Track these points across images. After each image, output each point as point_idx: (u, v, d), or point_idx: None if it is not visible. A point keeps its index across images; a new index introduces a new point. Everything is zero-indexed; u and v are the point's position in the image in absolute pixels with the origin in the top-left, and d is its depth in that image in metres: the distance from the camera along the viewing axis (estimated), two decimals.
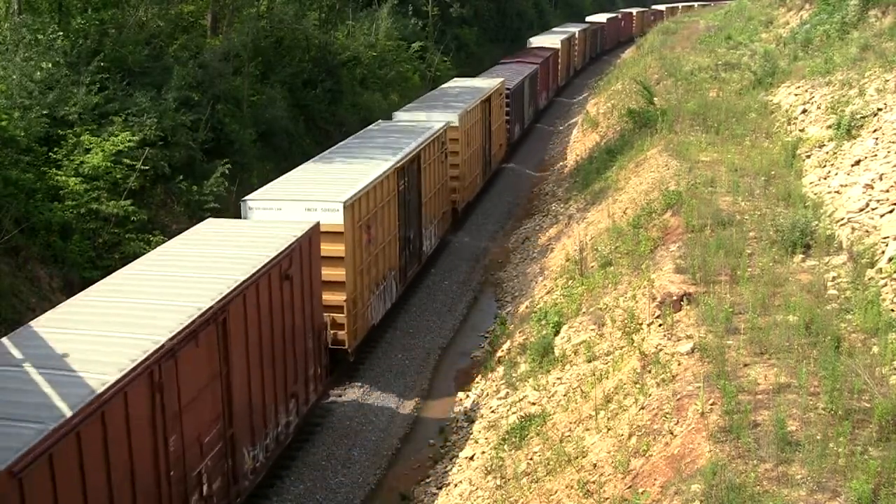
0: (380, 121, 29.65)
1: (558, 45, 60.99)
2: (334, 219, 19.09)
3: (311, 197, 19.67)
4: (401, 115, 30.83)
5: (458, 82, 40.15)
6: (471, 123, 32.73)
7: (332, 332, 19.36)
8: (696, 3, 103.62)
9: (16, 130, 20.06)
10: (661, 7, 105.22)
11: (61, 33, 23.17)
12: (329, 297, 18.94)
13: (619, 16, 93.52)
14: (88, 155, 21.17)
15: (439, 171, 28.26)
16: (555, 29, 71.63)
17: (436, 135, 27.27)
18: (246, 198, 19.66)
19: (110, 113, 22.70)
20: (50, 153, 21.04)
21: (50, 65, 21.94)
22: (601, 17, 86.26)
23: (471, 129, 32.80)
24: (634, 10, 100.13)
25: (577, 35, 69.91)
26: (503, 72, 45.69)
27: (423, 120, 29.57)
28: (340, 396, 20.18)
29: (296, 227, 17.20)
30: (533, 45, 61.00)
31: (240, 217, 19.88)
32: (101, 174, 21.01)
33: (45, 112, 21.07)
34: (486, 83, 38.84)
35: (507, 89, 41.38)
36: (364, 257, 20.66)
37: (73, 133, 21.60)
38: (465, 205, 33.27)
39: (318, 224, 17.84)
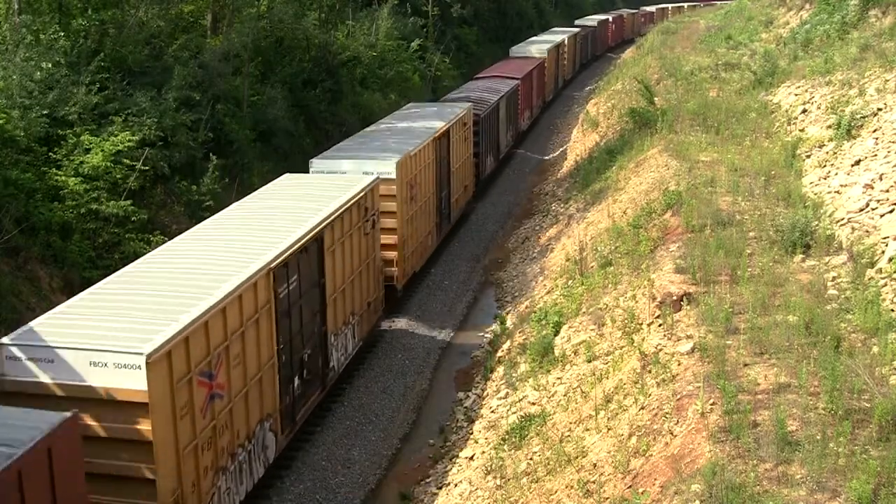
0: (287, 175, 22.25)
1: (545, 55, 54.32)
2: (131, 382, 11.87)
3: (99, 343, 12.18)
4: (319, 164, 23.32)
5: (412, 109, 32.72)
6: (417, 170, 25.52)
7: None
8: (685, 4, 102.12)
9: (16, 130, 20.06)
10: (652, 8, 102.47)
11: (62, 33, 23.17)
12: None
13: (611, 18, 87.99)
14: (88, 155, 21.17)
15: (361, 246, 20.57)
16: (542, 35, 65.63)
17: (354, 200, 19.81)
18: None
19: (110, 113, 22.71)
20: (50, 153, 21.05)
21: (50, 65, 21.93)
22: (591, 21, 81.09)
23: (417, 176, 25.54)
24: (625, 13, 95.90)
25: (566, 41, 63.46)
26: (476, 90, 39.40)
27: (346, 171, 22.74)
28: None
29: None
30: (515, 55, 54.27)
31: None
32: (101, 174, 21.01)
33: (45, 112, 21.08)
34: (446, 112, 31.34)
35: (476, 115, 34.32)
36: (198, 429, 13.18)
37: (73, 133, 21.61)
38: (412, 276, 25.87)
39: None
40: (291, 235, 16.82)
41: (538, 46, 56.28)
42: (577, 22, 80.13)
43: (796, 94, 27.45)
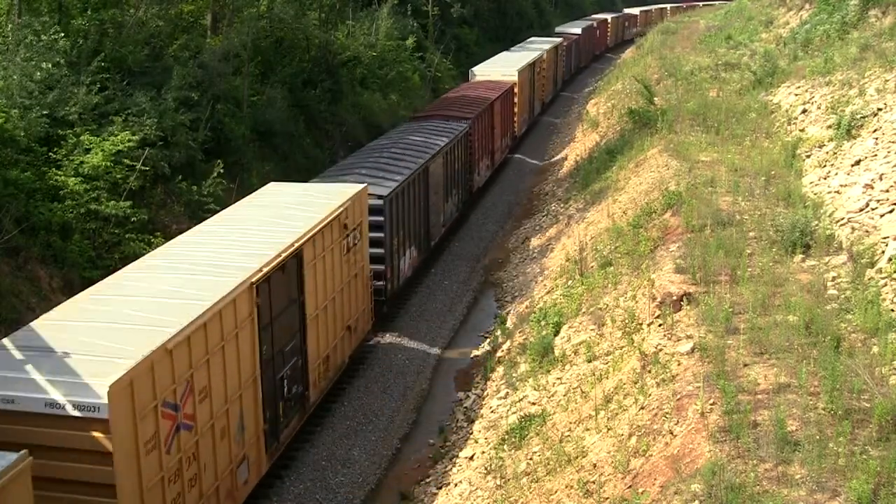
0: None
1: (514, 77, 42.87)
2: None
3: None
4: None
5: (260, 199, 19.64)
6: (194, 368, 12.92)
7: None
8: (668, 6, 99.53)
9: (16, 130, 20.07)
10: (635, 10, 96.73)
11: (62, 34, 23.17)
12: None
13: (595, 24, 77.97)
14: (88, 155, 21.17)
15: None
16: (516, 48, 54.59)
17: None
18: None
19: (110, 113, 22.70)
20: (50, 153, 21.05)
21: (50, 65, 21.92)
22: (574, 28, 71.21)
23: (198, 378, 13.06)
24: (609, 17, 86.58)
25: (544, 56, 52.19)
26: (395, 148, 26.57)
27: (13, 400, 11.13)
28: None
29: None
30: (477, 79, 43.39)
31: None
32: (101, 174, 21.00)
33: (45, 112, 21.06)
34: (307, 211, 18.38)
35: (378, 196, 21.76)
36: None
37: (73, 133, 21.61)
38: None
39: None
40: None
41: (506, 67, 44.66)
42: (557, 29, 71.00)
43: (796, 94, 27.46)
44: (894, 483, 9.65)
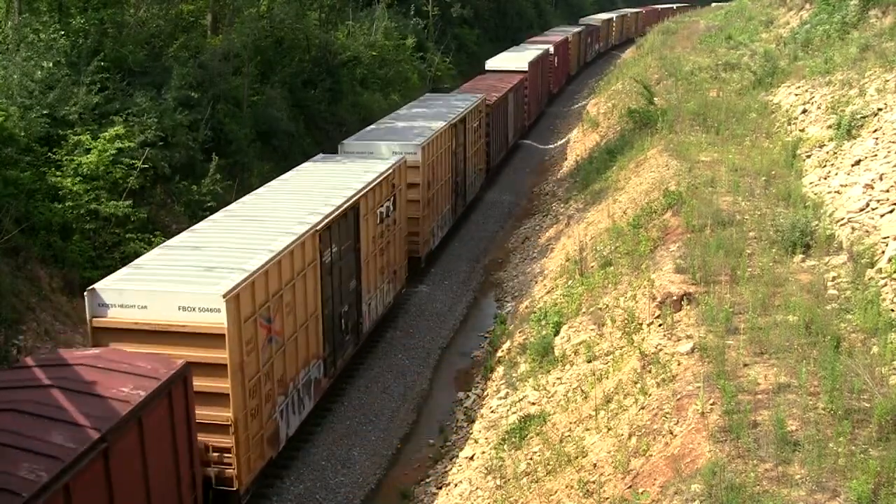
0: None
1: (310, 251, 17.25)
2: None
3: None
4: None
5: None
6: None
7: None
8: (628, 11, 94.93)
9: (16, 129, 20.07)
10: (597, 20, 79.91)
11: (62, 33, 23.16)
12: None
13: (551, 49, 54.24)
14: (88, 155, 21.16)
15: None
16: (377, 127, 28.38)
17: None
18: None
19: (110, 113, 22.70)
20: (50, 153, 21.04)
21: (50, 64, 21.93)
22: (516, 62, 46.12)
23: None
24: (570, 35, 63.59)
25: (434, 143, 26.78)
26: None
27: None
28: None
29: None
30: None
31: None
32: (101, 174, 21.00)
33: (45, 112, 21.07)
34: None
35: None
36: None
37: (73, 133, 21.61)
38: None
39: None
40: None
41: (308, 209, 18.34)
42: (489, 64, 47.06)
43: (796, 95, 27.45)
44: (894, 483, 9.65)
